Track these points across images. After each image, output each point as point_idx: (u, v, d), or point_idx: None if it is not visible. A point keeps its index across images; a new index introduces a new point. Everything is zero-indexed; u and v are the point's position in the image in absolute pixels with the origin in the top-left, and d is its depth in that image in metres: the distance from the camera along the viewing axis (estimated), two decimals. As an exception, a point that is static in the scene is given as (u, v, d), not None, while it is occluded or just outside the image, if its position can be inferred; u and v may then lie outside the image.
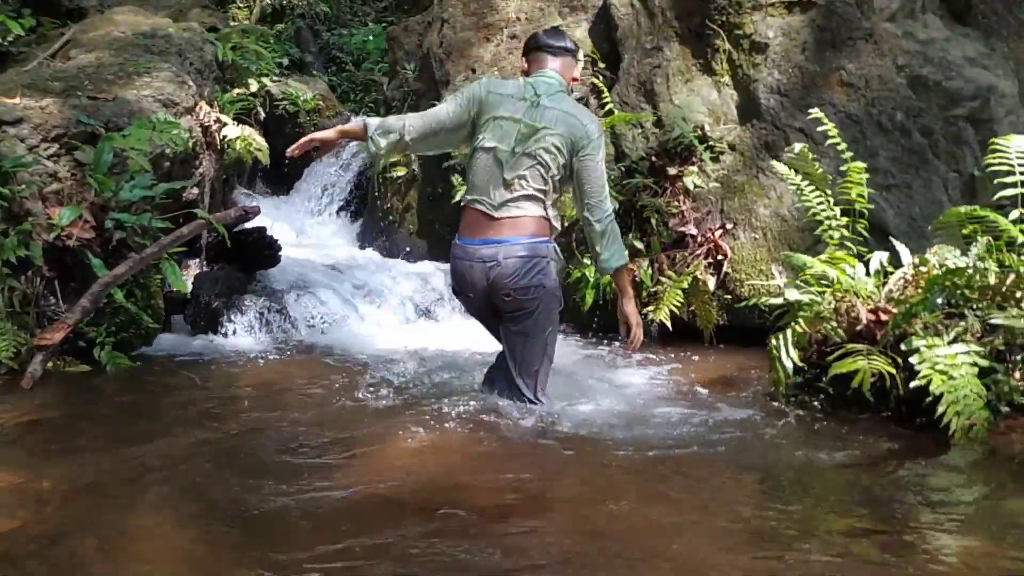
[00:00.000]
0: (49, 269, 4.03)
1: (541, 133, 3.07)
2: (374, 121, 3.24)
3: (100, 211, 4.19)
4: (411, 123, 3.20)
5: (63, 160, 4.32)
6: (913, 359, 3.05)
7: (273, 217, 6.71)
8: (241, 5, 9.97)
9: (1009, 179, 3.45)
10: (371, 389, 3.62)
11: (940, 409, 2.94)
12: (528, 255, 3.05)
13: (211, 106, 5.50)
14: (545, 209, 3.11)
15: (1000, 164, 3.48)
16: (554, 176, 3.09)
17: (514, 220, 3.07)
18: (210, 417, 3.27)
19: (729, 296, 4.60)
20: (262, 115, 7.09)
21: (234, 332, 4.61)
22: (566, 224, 4.45)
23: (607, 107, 5.13)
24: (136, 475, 2.64)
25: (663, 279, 4.67)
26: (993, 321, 3.12)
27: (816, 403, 3.43)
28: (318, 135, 3.32)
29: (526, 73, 3.27)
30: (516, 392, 3.18)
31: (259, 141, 5.98)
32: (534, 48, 3.27)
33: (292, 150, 3.32)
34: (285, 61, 9.11)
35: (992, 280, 3.21)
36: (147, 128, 4.40)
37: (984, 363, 3.01)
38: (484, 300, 3.13)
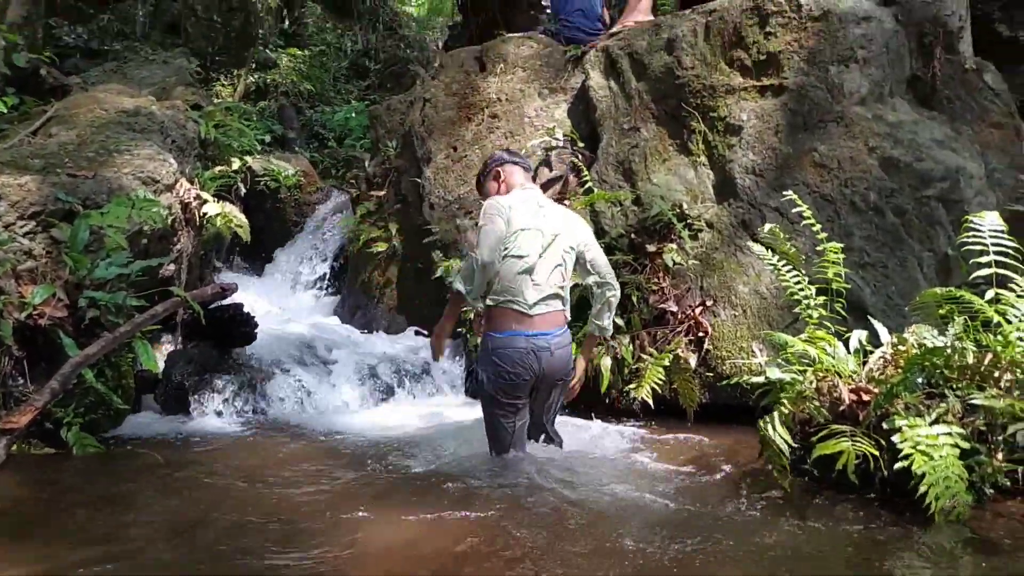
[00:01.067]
0: (19, 348, 3.93)
1: (557, 239, 3.64)
2: (462, 288, 3.64)
3: (74, 289, 4.13)
4: (490, 259, 3.57)
5: (39, 237, 4.28)
6: (895, 438, 3.03)
7: (251, 292, 6.67)
8: (225, 83, 10.13)
9: (983, 259, 3.49)
10: (348, 474, 3.52)
11: (922, 489, 2.90)
12: (568, 343, 3.68)
13: (192, 183, 5.52)
14: (564, 303, 3.69)
15: (974, 243, 3.53)
16: (569, 271, 3.69)
17: (545, 316, 3.59)
18: (178, 504, 3.15)
19: (711, 374, 4.58)
20: (243, 191, 7.11)
21: (206, 412, 4.50)
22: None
23: (586, 185, 5.20)
24: (99, 568, 2.52)
25: (644, 356, 4.65)
26: (973, 401, 3.12)
27: (801, 484, 3.38)
28: (441, 345, 3.86)
29: (506, 186, 3.78)
30: (547, 437, 3.82)
31: (239, 217, 5.98)
32: (508, 162, 3.83)
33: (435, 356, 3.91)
34: (267, 138, 9.23)
35: (971, 360, 3.23)
36: (126, 205, 4.38)
37: (966, 445, 2.99)
38: (533, 383, 3.61)
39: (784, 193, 4.09)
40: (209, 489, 3.36)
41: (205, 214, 5.55)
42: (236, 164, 6.49)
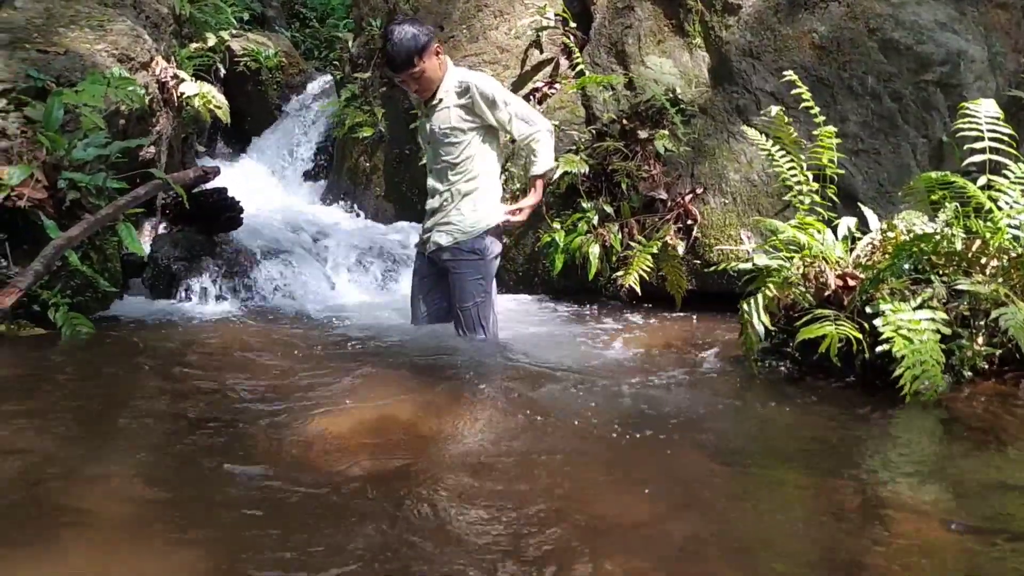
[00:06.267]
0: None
1: None
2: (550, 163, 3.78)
3: (52, 170, 4.02)
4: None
5: (12, 116, 4.13)
6: (878, 322, 3.07)
7: (234, 177, 6.55)
8: (200, -43, 9.58)
9: (978, 145, 3.45)
10: (336, 356, 3.56)
11: (898, 371, 2.96)
12: None
13: (168, 61, 5.30)
14: None
15: (970, 129, 3.48)
16: None
17: None
18: (168, 383, 3.19)
19: (699, 261, 4.59)
20: (222, 72, 6.85)
21: (194, 296, 4.49)
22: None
23: (578, 68, 5.04)
24: (90, 440, 2.58)
25: (633, 244, 4.65)
26: (959, 287, 3.14)
27: (783, 368, 3.45)
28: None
29: (446, 61, 3.73)
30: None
31: (219, 98, 5.78)
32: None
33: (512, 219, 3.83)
34: (246, 16, 8.83)
35: (959, 246, 3.23)
36: (101, 84, 4.22)
37: (947, 331, 3.03)
38: None
39: (784, 74, 3.98)
40: (193, 369, 3.40)
41: (183, 94, 5.36)
42: (212, 41, 6.20)
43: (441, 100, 3.64)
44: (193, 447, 2.55)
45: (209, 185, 4.92)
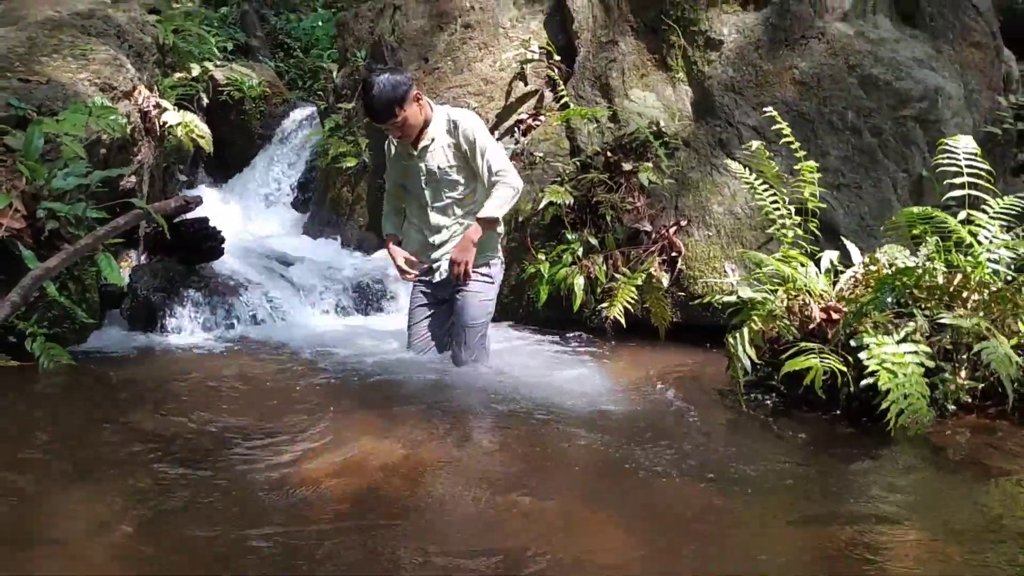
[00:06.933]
0: (-25, 260, 3.81)
1: None
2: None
3: (31, 200, 3.97)
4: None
5: (-9, 145, 4.09)
6: (862, 355, 3.08)
7: (216, 207, 6.52)
8: (184, -14, 9.61)
9: (957, 180, 3.50)
10: (317, 390, 3.52)
11: (884, 405, 2.97)
12: None
13: (151, 91, 5.29)
14: None
15: (948, 165, 3.53)
16: None
17: None
18: (143, 419, 3.13)
19: (683, 293, 4.60)
20: (205, 101, 6.83)
21: (174, 327, 4.43)
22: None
23: (562, 100, 5.08)
24: (61, 476, 2.52)
25: (618, 276, 4.65)
26: (941, 320, 3.17)
27: (768, 401, 3.45)
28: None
29: (426, 107, 3.69)
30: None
31: (201, 128, 5.76)
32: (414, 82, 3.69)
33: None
34: (230, 46, 8.85)
35: (940, 280, 3.26)
36: (83, 113, 4.19)
37: (931, 364, 3.05)
38: None
39: (764, 110, 4.03)
40: (171, 402, 3.35)
41: (165, 123, 5.33)
42: (196, 71, 6.20)
43: (433, 140, 3.69)
44: (166, 485, 2.49)
45: (190, 215, 4.88)
